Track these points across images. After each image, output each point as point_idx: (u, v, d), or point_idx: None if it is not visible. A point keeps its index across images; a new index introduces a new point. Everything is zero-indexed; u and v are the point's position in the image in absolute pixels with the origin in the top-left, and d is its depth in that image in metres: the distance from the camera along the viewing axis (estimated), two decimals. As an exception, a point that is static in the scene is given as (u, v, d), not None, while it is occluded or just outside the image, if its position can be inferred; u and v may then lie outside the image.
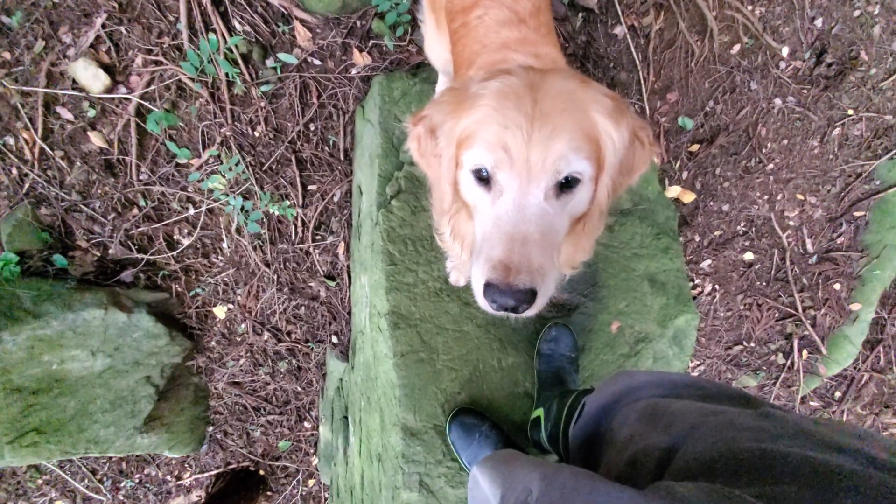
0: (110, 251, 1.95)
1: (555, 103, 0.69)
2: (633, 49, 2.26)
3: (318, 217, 2.01)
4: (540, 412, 1.25)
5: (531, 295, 0.67)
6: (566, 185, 0.72)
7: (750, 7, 2.46)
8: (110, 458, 2.52)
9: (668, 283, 1.61)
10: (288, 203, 1.90)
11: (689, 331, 1.63)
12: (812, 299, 2.96)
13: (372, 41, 1.84)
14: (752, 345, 3.10)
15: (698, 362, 3.04)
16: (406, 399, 1.33)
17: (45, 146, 1.77)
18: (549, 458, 1.32)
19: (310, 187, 1.99)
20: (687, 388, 0.76)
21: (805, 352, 3.02)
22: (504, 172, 0.70)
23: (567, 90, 0.72)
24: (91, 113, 1.77)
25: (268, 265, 2.09)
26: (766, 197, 2.75)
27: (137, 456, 2.55)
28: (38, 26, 1.75)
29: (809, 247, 2.89)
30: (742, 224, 2.84)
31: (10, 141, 1.77)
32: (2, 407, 1.74)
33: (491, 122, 0.70)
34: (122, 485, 2.61)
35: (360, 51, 1.83)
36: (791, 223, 2.82)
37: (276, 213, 1.90)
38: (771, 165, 2.68)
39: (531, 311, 0.71)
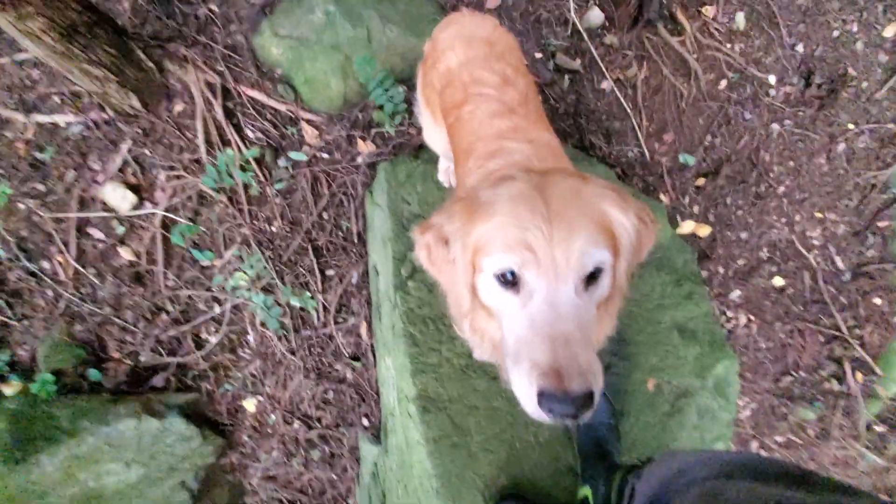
0: (142, 358, 1.99)
1: (565, 202, 0.72)
2: (622, 100, 2.34)
3: (338, 301, 2.04)
4: (587, 491, 1.18)
5: (589, 398, 0.65)
6: (591, 277, 0.73)
7: (729, 45, 2.55)
8: (149, 569, 2.43)
9: (698, 331, 1.57)
10: (308, 294, 1.95)
11: (730, 378, 1.56)
12: (855, 318, 2.82)
13: (374, 129, 1.95)
14: (802, 373, 2.92)
15: (748, 399, 2.88)
16: (444, 490, 1.28)
17: (78, 266, 1.87)
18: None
19: (328, 272, 2.04)
20: (739, 468, 0.72)
21: (859, 374, 2.84)
22: (531, 272, 0.70)
23: (573, 188, 0.75)
24: (120, 230, 1.88)
25: (293, 353, 2.10)
26: (783, 220, 2.71)
27: (176, 564, 2.46)
28: (69, 157, 1.90)
29: (839, 263, 2.80)
30: (765, 249, 2.78)
31: (46, 265, 1.88)
32: (41, 533, 1.73)
33: (509, 226, 0.71)
34: None
35: (364, 140, 1.93)
36: (815, 242, 2.75)
37: (297, 304, 1.94)
38: (782, 188, 2.66)
39: (589, 414, 0.68)
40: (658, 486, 0.81)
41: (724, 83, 2.59)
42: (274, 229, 1.95)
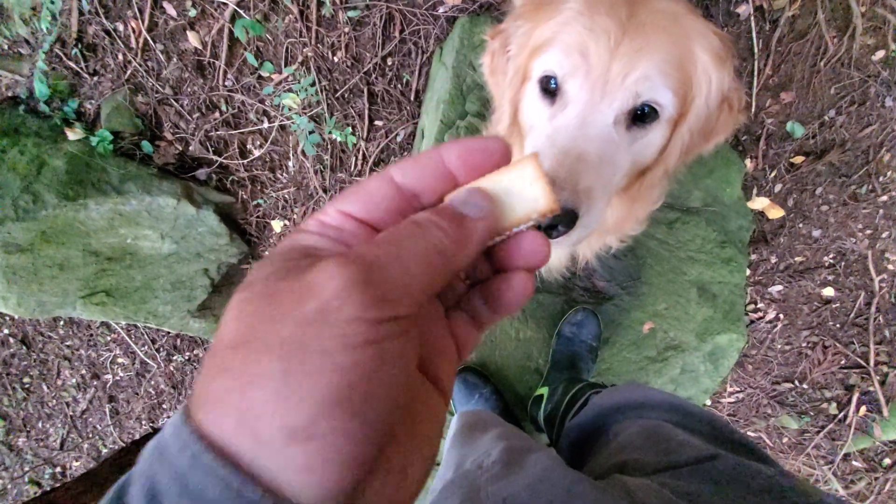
0: (190, 148, 2.10)
1: (654, 20, 0.60)
2: (754, 34, 2.00)
3: (378, 153, 2.04)
4: (544, 391, 1.24)
5: (572, 219, 0.57)
6: (640, 117, 0.62)
7: (911, 9, 2.07)
8: (168, 332, 2.83)
9: (719, 297, 1.50)
10: (350, 131, 1.94)
11: (729, 351, 1.53)
12: (889, 355, 2.65)
13: (466, -19, 1.76)
14: (805, 386, 2.85)
15: (738, 389, 2.86)
16: (418, 343, 1.36)
17: (149, 38, 1.90)
18: (541, 437, 1.32)
19: (376, 122, 2.01)
20: (700, 423, 0.68)
21: (864, 408, 2.74)
22: (575, 81, 0.61)
23: (672, 11, 0.62)
24: (192, 12, 1.87)
25: (325, 191, 2.17)
26: (868, 231, 2.43)
27: (190, 337, 2.85)
28: (159, -80, 1.83)
29: (904, 298, 2.56)
30: (831, 255, 2.54)
31: (120, 27, 1.91)
32: (80, 265, 1.99)
33: (575, 24, 0.61)
34: (174, 358, 2.95)
35: (453, -11, 1.76)
36: (890, 267, 2.49)
37: (338, 139, 1.95)
38: (885, 198, 2.34)
39: (565, 239, 0.62)
40: (611, 406, 0.81)
41: (880, 54, 2.16)
42: (336, 59, 1.89)
